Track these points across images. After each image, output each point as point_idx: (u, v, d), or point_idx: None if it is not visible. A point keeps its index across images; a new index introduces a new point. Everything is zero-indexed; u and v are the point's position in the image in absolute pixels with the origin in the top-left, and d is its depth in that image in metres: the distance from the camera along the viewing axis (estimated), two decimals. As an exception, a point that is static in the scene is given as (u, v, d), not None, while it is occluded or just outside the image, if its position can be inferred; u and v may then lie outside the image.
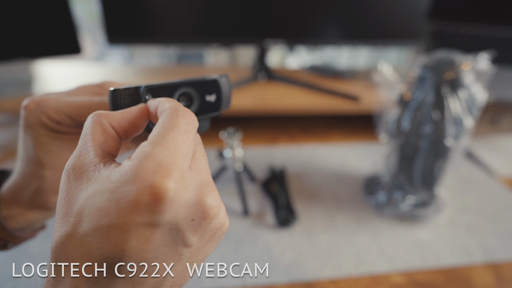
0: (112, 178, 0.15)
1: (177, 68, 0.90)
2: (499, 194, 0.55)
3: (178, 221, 0.16)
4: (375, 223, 0.47)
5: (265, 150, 0.65)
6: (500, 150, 0.67)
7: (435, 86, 0.40)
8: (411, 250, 0.42)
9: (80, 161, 0.17)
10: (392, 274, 0.39)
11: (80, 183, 0.16)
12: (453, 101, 0.40)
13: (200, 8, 0.64)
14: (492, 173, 0.61)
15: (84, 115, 0.24)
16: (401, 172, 0.47)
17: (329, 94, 0.72)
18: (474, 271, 0.40)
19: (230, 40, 0.68)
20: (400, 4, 0.70)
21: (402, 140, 0.45)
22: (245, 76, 0.77)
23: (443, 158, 0.43)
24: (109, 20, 0.61)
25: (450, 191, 0.54)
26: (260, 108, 0.65)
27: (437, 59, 0.42)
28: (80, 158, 0.17)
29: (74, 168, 0.17)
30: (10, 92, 0.65)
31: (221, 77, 0.24)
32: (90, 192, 0.16)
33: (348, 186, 0.55)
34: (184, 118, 0.18)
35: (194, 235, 0.17)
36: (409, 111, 0.43)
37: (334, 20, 0.70)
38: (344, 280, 0.38)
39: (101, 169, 0.16)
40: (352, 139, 0.73)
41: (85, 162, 0.17)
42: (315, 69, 0.88)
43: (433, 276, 0.39)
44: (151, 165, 0.15)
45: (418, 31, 0.72)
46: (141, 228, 0.15)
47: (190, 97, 0.23)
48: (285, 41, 0.70)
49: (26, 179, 0.25)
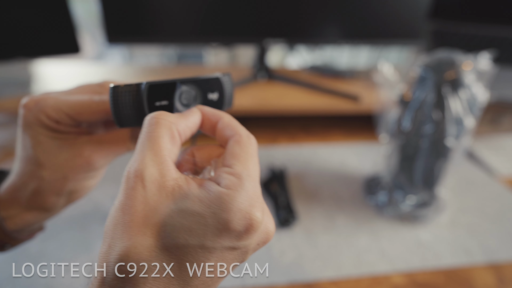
0: (205, 202, 0.16)
1: (177, 67, 0.90)
2: (500, 194, 0.55)
3: (251, 245, 0.18)
4: (376, 224, 0.47)
5: (265, 150, 0.65)
6: (501, 150, 0.67)
7: (436, 86, 0.40)
8: (412, 250, 0.42)
9: (156, 171, 0.17)
10: (392, 275, 0.39)
11: (159, 195, 0.16)
12: (454, 101, 0.40)
13: (200, 7, 0.64)
14: (493, 173, 0.61)
15: (84, 114, 0.24)
16: (402, 172, 0.47)
17: (329, 94, 0.72)
18: (474, 272, 0.40)
19: (230, 39, 0.68)
20: (401, 3, 0.69)
21: (403, 140, 0.45)
22: (245, 76, 0.77)
23: (443, 158, 0.43)
24: (108, 19, 0.61)
25: (451, 191, 0.54)
26: (260, 108, 0.65)
27: (437, 58, 0.42)
28: (155, 168, 0.17)
29: (150, 177, 0.16)
30: (9, 91, 0.64)
31: (223, 76, 0.24)
32: (175, 209, 0.16)
33: (349, 186, 0.55)
34: (256, 146, 0.20)
35: (252, 253, 0.19)
36: (410, 111, 0.43)
37: (335, 19, 0.69)
38: (345, 281, 0.38)
39: (183, 186, 0.17)
40: (353, 139, 0.73)
41: (163, 173, 0.17)
42: (315, 69, 0.88)
43: (434, 277, 0.39)
44: (245, 197, 0.16)
45: (418, 30, 0.72)
46: (224, 250, 0.16)
47: (192, 95, 0.23)
48: (285, 40, 0.70)
49: (24, 179, 0.25)
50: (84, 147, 0.25)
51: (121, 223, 0.16)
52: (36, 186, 0.25)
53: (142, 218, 0.16)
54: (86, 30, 1.42)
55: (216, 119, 0.21)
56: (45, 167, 0.24)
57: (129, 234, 0.15)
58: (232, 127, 0.20)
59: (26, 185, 0.25)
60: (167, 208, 0.16)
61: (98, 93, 0.25)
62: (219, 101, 0.24)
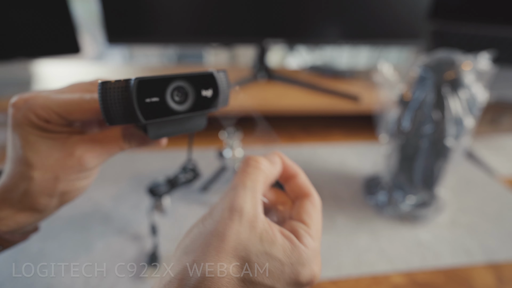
0: (287, 253, 0.19)
1: (177, 67, 0.90)
2: (499, 194, 0.55)
3: None
4: (375, 223, 0.47)
5: (265, 150, 0.65)
6: (501, 150, 0.67)
7: (436, 86, 0.40)
8: (412, 250, 0.42)
9: (252, 210, 0.19)
10: (392, 275, 0.39)
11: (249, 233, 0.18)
12: (454, 101, 0.40)
13: (200, 7, 0.64)
14: (493, 173, 0.61)
15: (74, 112, 0.23)
16: (402, 172, 0.47)
17: (329, 94, 0.72)
18: (474, 272, 0.40)
19: (230, 40, 0.68)
20: (401, 4, 0.69)
21: (403, 140, 0.45)
22: (245, 76, 0.77)
23: (443, 158, 0.43)
24: (108, 20, 0.61)
25: (451, 191, 0.54)
26: (260, 108, 0.65)
27: (437, 59, 0.42)
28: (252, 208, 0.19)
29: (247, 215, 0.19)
30: (9, 92, 0.65)
31: (218, 72, 0.23)
32: (262, 250, 0.18)
33: (348, 186, 0.55)
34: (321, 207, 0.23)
35: None
36: (410, 111, 0.43)
37: (335, 19, 0.69)
38: (344, 280, 0.38)
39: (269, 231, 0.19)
40: (352, 139, 0.73)
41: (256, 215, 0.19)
42: (315, 69, 0.88)
43: (434, 277, 0.39)
44: (315, 257, 0.20)
45: (418, 31, 0.72)
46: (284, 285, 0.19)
47: (185, 91, 0.22)
48: (285, 40, 0.70)
49: (14, 180, 0.24)
50: (76, 146, 0.24)
51: (213, 247, 0.18)
52: (27, 187, 0.24)
53: (232, 248, 0.18)
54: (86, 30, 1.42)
55: (294, 173, 0.24)
56: (36, 168, 0.24)
57: (218, 257, 0.17)
58: (308, 187, 0.23)
59: (17, 186, 0.24)
60: (255, 247, 0.18)
61: (89, 92, 0.24)
62: (213, 97, 0.23)
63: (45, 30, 0.63)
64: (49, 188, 0.24)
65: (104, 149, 0.26)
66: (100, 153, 0.25)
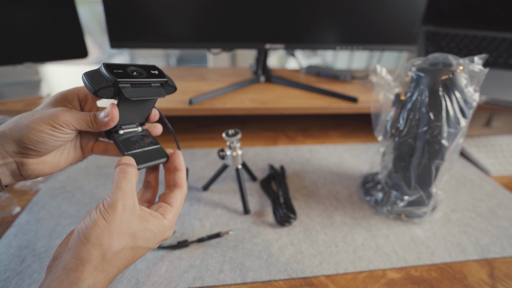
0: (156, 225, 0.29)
1: (178, 70, 0.92)
2: (492, 193, 0.56)
3: None
4: (372, 221, 0.48)
5: (265, 150, 0.66)
6: (493, 151, 0.69)
7: (430, 88, 0.42)
8: (407, 247, 0.43)
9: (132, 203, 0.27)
10: (388, 270, 0.40)
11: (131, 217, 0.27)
12: (448, 102, 0.41)
13: (201, 13, 0.65)
14: (485, 173, 0.62)
15: None
16: (398, 171, 0.48)
17: (327, 95, 0.73)
18: (468, 267, 0.41)
19: (230, 45, 0.70)
20: (396, 10, 0.71)
21: (398, 140, 0.46)
22: (245, 78, 0.79)
23: (438, 157, 0.44)
24: (111, 25, 0.62)
25: (445, 190, 0.55)
26: (260, 109, 0.66)
27: (432, 61, 0.43)
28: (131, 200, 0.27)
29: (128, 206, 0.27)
30: (19, 93, 0.67)
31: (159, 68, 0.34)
32: (142, 227, 0.28)
33: (346, 185, 0.56)
34: None
35: None
36: (405, 111, 0.44)
37: (332, 25, 0.71)
38: (342, 275, 0.39)
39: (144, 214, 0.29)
40: (350, 139, 0.74)
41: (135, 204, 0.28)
42: (314, 71, 0.89)
43: (428, 272, 0.40)
44: (172, 226, 0.31)
45: (414, 36, 0.74)
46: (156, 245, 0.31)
47: (140, 72, 0.31)
48: (284, 45, 0.71)
49: None
50: (58, 110, 0.29)
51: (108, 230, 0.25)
52: None
53: (125, 229, 0.26)
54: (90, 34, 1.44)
55: (179, 168, 0.34)
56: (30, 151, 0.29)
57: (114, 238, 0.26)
58: (183, 181, 0.34)
59: None
60: (137, 226, 0.27)
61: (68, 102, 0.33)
62: (160, 74, 0.33)
63: (55, 36, 0.65)
64: None
65: (78, 115, 0.30)
66: (75, 117, 0.29)
